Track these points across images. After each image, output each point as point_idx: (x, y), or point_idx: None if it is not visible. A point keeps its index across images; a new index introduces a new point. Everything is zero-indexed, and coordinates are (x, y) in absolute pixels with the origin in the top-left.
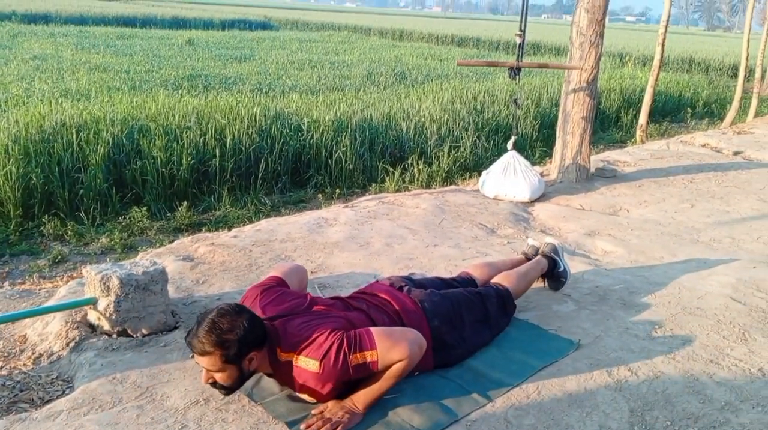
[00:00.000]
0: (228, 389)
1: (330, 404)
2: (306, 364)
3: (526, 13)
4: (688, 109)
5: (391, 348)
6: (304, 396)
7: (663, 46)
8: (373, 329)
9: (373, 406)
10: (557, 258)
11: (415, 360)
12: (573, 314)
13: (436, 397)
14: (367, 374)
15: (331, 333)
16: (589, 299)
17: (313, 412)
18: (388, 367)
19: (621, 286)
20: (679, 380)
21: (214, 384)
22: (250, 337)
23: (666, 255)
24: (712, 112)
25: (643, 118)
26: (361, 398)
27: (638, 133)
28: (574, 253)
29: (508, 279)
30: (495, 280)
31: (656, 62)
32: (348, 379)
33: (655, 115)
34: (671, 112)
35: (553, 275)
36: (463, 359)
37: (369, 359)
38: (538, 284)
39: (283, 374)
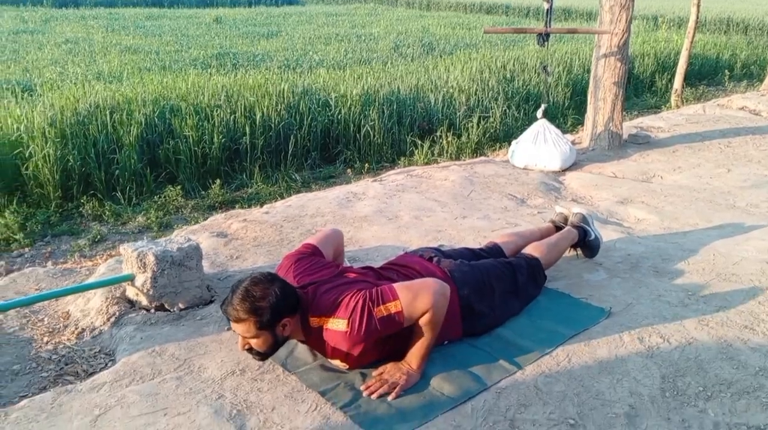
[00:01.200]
0: (263, 355)
1: (388, 366)
2: (335, 325)
3: None
4: (726, 71)
5: (414, 298)
6: (336, 362)
7: (698, 6)
8: (394, 284)
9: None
10: (587, 227)
11: (441, 306)
12: (604, 282)
13: (465, 365)
14: (395, 328)
15: (356, 293)
16: (621, 267)
17: (373, 374)
18: (416, 319)
19: (653, 253)
20: (712, 346)
21: (250, 350)
22: (283, 304)
23: (700, 221)
24: (751, 74)
25: (678, 82)
26: (412, 358)
27: (673, 97)
28: (606, 221)
29: (538, 249)
30: (525, 250)
31: (691, 23)
32: (378, 336)
33: (690, 79)
34: (708, 76)
35: (586, 243)
36: (491, 327)
37: (393, 310)
38: (569, 253)
39: (315, 340)
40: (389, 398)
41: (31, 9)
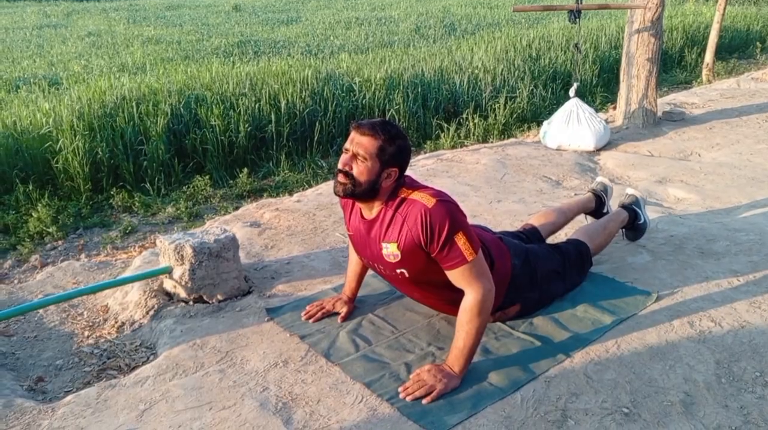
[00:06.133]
0: (354, 186)
1: (427, 367)
2: (421, 197)
3: None
4: (758, 43)
5: (480, 270)
6: (392, 248)
7: None
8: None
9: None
10: (639, 210)
11: (485, 304)
12: (649, 265)
13: (513, 354)
14: (446, 265)
15: (461, 212)
16: (665, 248)
17: (410, 376)
18: (461, 285)
19: (697, 234)
20: (766, 329)
21: (346, 174)
22: (405, 152)
23: (744, 199)
24: None
25: (709, 56)
26: (454, 361)
27: (704, 72)
28: (645, 202)
29: (587, 234)
30: (574, 235)
31: None
32: (437, 251)
33: (721, 52)
34: (738, 48)
35: (634, 226)
36: (535, 307)
37: (462, 250)
38: None
39: (388, 214)
40: (423, 401)
41: (53, 3)
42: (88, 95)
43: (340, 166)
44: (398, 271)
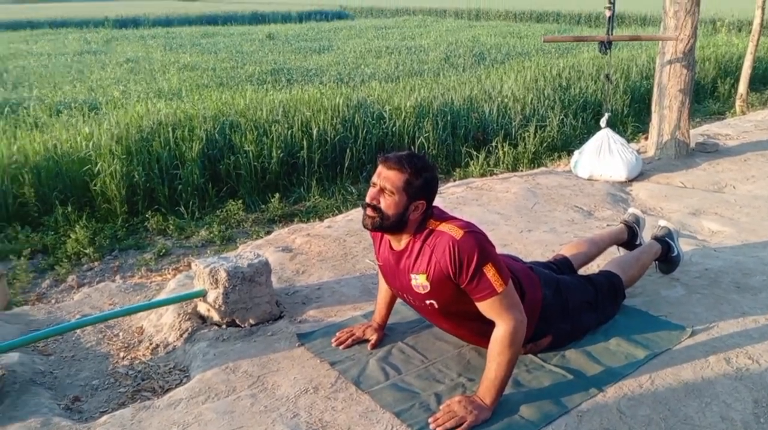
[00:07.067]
0: (382, 219)
1: (457, 398)
2: (449, 229)
3: None
4: None
5: (509, 304)
6: (421, 280)
7: (763, 8)
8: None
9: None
10: (672, 242)
11: (517, 335)
12: (683, 298)
13: (544, 387)
14: (478, 295)
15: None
16: (700, 282)
17: (441, 407)
18: (491, 316)
19: (733, 268)
20: None
21: (374, 208)
22: (433, 185)
23: None
24: None
25: (742, 87)
26: (485, 392)
27: (738, 103)
28: (679, 234)
29: (620, 266)
30: (607, 266)
31: (756, 26)
32: (466, 282)
33: (754, 84)
34: None
35: (667, 259)
36: (567, 339)
37: (491, 282)
38: None
39: (416, 245)
40: None
41: (94, 30)
42: (125, 120)
43: (367, 200)
44: (427, 302)
